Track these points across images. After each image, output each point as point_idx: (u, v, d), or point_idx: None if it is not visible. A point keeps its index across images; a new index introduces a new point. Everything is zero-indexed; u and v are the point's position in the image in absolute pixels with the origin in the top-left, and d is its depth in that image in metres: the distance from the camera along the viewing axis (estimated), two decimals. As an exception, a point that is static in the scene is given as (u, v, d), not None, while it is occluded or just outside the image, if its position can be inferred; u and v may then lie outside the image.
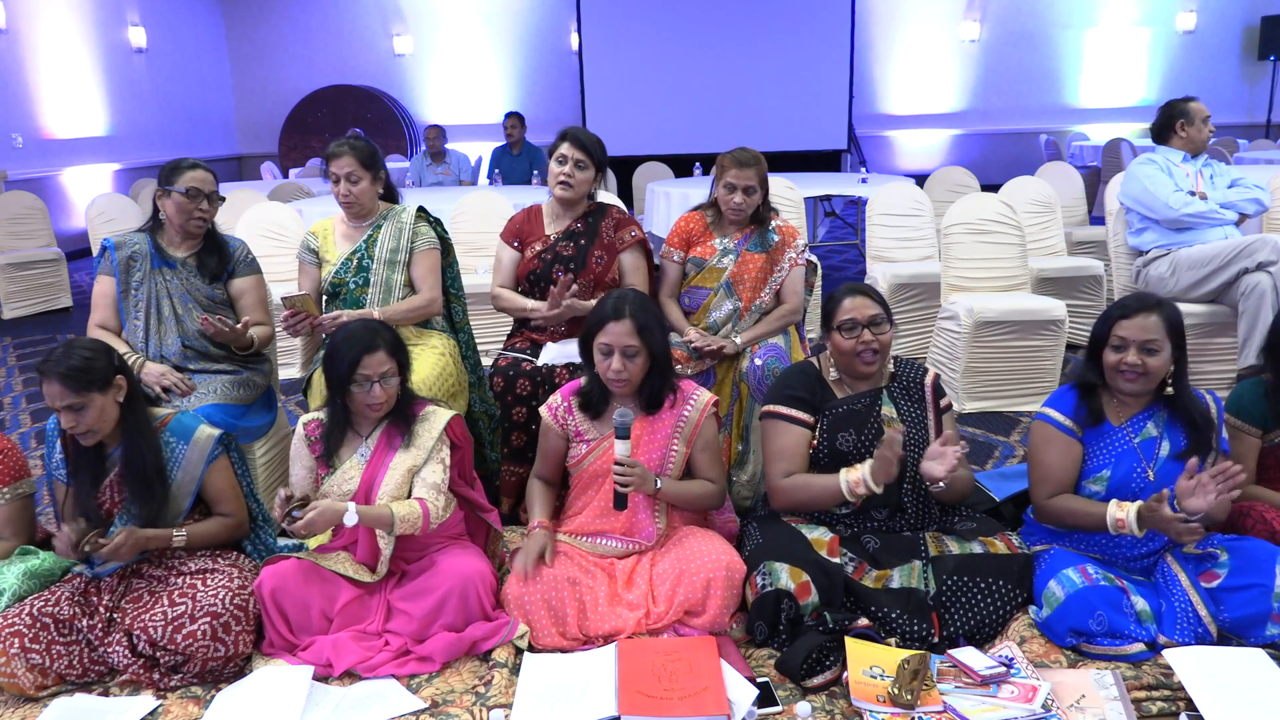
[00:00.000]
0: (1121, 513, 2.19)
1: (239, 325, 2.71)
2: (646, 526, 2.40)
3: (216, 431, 2.31)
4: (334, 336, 2.32)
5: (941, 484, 2.24)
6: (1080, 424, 2.34)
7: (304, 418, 2.40)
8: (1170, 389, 2.31)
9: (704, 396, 2.46)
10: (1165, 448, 2.30)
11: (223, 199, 2.82)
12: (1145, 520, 2.16)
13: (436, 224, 3.00)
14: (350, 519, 2.15)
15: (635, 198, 7.97)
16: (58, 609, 2.13)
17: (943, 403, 2.51)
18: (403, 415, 2.35)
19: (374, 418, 2.34)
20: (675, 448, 2.42)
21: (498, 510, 2.59)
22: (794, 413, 2.43)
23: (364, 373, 2.24)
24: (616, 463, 2.24)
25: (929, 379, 2.51)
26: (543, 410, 2.48)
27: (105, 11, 9.62)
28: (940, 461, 2.22)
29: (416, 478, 2.31)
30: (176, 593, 2.15)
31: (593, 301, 2.94)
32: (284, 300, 2.71)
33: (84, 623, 2.13)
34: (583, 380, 2.47)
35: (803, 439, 2.42)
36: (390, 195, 3.04)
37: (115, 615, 2.17)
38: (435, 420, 2.36)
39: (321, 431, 2.35)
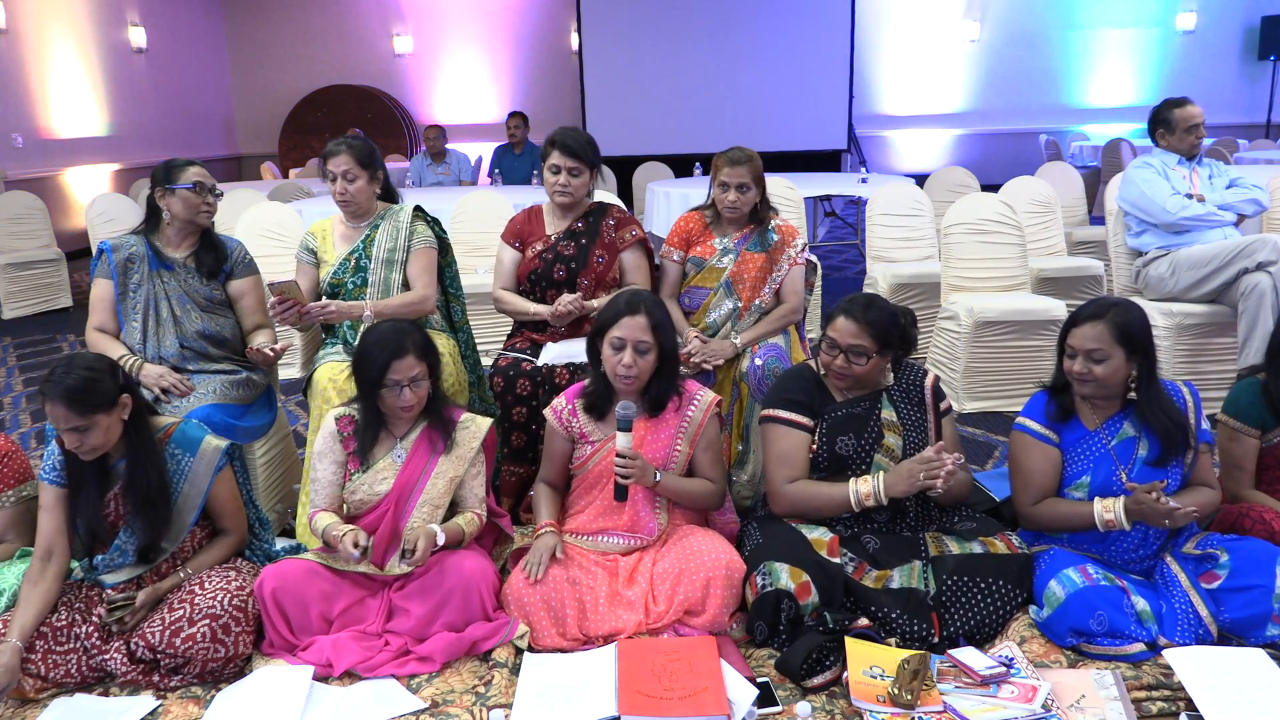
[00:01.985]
0: (1109, 513, 2.20)
1: (279, 348, 2.74)
2: (648, 523, 2.41)
3: (224, 443, 2.29)
4: (364, 338, 2.33)
5: (939, 489, 2.24)
6: (1053, 426, 2.36)
7: (334, 412, 2.40)
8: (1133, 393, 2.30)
9: (708, 397, 2.47)
10: (1144, 447, 2.30)
11: (221, 193, 2.84)
12: (1133, 514, 2.17)
13: (435, 224, 3.00)
14: (440, 540, 2.24)
15: (635, 198, 7.97)
16: (55, 616, 2.12)
17: (942, 405, 2.51)
18: (440, 418, 2.36)
19: (408, 418, 2.35)
20: (679, 448, 2.43)
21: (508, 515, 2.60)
22: (793, 416, 2.43)
23: (394, 377, 2.24)
24: (618, 454, 2.25)
25: (929, 381, 2.51)
26: (547, 412, 2.49)
27: (105, 11, 9.62)
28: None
29: (465, 490, 2.37)
30: (174, 598, 2.14)
31: (596, 301, 2.95)
32: (270, 287, 2.70)
33: (82, 629, 2.13)
34: (587, 381, 2.47)
35: (803, 443, 2.42)
36: (389, 195, 3.03)
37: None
38: (475, 429, 2.39)
39: (354, 428, 2.35)
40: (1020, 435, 2.39)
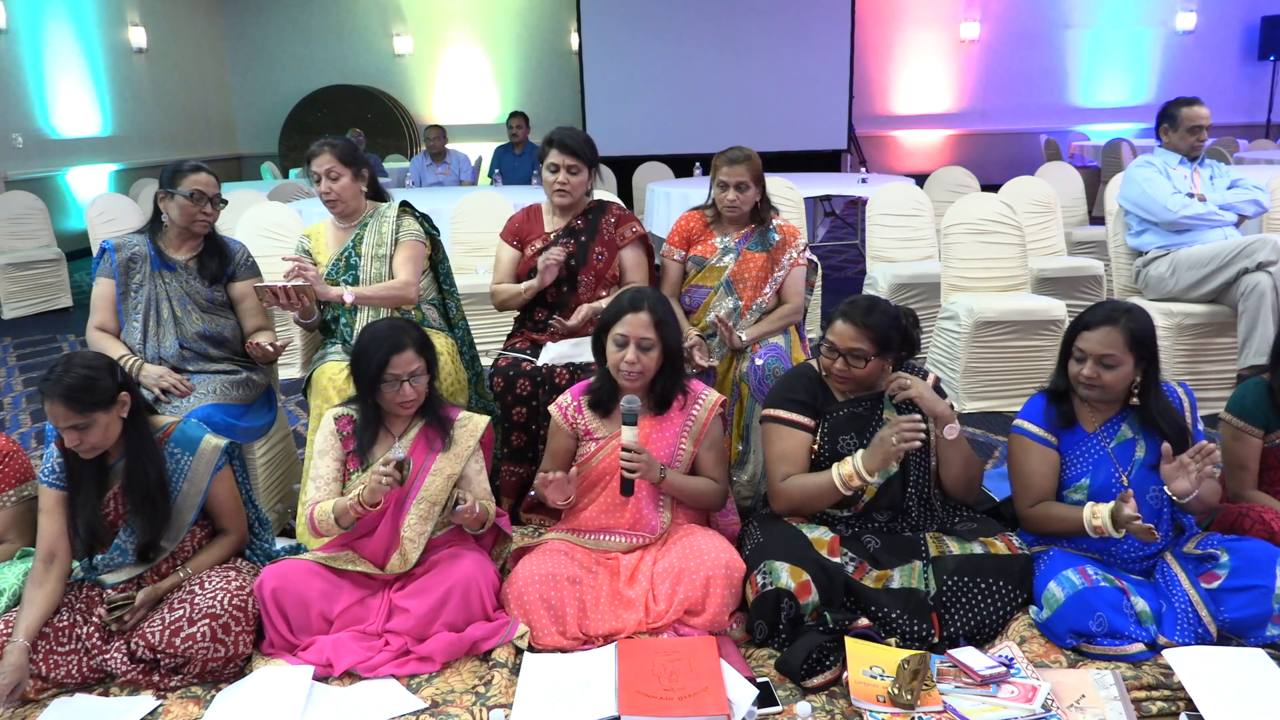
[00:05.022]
0: (1098, 520, 2.18)
1: (281, 346, 2.74)
2: (651, 520, 2.41)
3: (223, 441, 2.28)
4: (361, 337, 2.34)
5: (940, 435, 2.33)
6: (1053, 429, 2.35)
7: (332, 411, 2.40)
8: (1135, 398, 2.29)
9: (712, 396, 2.48)
10: (1141, 449, 2.29)
11: (225, 202, 2.82)
12: (1119, 520, 2.16)
13: (424, 219, 2.99)
14: (480, 508, 2.28)
15: (635, 198, 7.96)
16: (56, 617, 2.12)
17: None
18: (437, 416, 2.36)
19: (406, 415, 2.35)
20: (683, 447, 2.44)
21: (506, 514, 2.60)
22: (795, 416, 2.43)
23: (393, 372, 2.24)
24: (624, 448, 2.26)
25: (929, 381, 2.51)
26: (552, 409, 2.49)
27: (105, 11, 9.62)
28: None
29: (474, 486, 2.36)
30: (175, 598, 2.14)
31: (605, 300, 2.95)
32: (257, 291, 2.69)
33: (83, 630, 2.12)
34: (593, 379, 2.47)
35: (804, 443, 2.42)
36: (379, 195, 3.03)
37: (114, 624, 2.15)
38: (473, 426, 2.39)
39: (354, 428, 2.35)
40: (1019, 438, 2.39)
